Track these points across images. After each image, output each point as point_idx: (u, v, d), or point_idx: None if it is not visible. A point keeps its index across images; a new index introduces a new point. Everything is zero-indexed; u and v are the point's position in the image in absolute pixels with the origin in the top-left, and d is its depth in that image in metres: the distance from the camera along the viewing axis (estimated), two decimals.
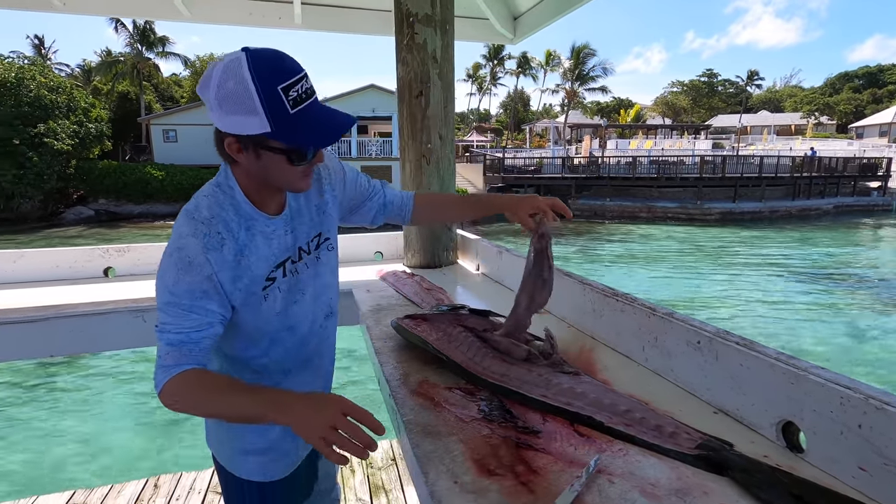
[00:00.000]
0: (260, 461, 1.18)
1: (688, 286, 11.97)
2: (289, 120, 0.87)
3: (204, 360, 0.94)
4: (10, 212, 21.43)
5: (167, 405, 0.91)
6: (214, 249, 0.94)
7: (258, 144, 0.91)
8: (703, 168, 23.91)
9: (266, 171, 0.95)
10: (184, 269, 0.92)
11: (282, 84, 0.86)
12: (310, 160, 0.96)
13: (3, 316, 1.74)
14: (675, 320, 1.12)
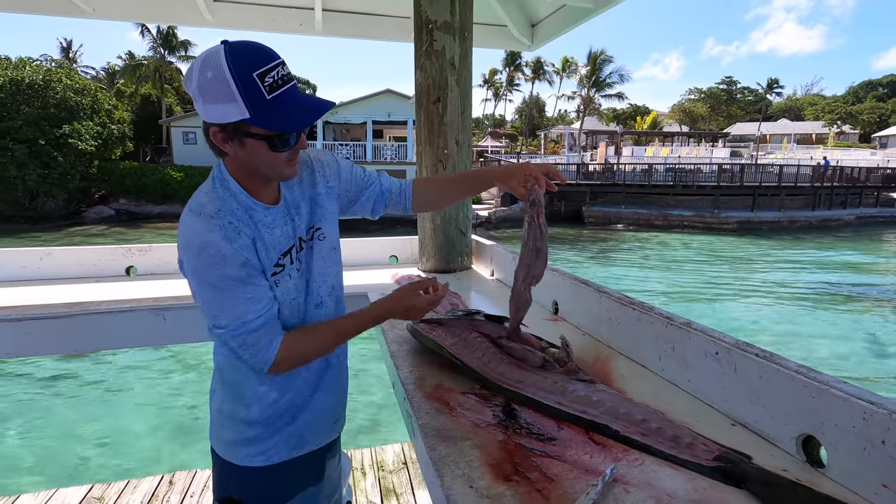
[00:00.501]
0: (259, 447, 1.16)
1: (704, 295, 11.80)
2: (266, 105, 0.90)
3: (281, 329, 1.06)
4: (34, 210, 21.98)
5: (276, 370, 1.04)
6: (236, 239, 0.97)
7: (240, 132, 0.94)
8: (720, 176, 23.60)
9: (251, 159, 0.98)
10: (220, 264, 0.95)
11: (257, 70, 0.89)
12: (291, 146, 0.98)
13: (31, 312, 1.79)
14: (694, 330, 1.11)
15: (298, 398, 1.17)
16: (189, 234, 0.97)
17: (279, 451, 1.18)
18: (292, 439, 1.19)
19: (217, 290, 0.97)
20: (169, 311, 1.91)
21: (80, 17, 2.74)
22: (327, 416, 1.25)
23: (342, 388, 1.31)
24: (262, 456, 1.17)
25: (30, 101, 21.00)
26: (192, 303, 1.94)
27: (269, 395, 1.13)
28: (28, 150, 20.50)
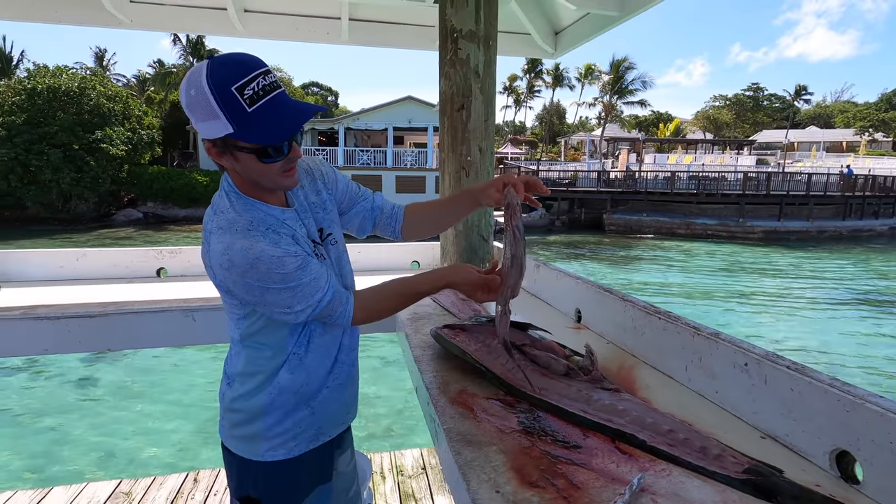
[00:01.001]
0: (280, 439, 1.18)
1: (729, 306, 11.54)
2: (247, 118, 0.90)
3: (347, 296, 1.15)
4: (67, 212, 22.79)
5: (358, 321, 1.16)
6: (279, 241, 1.02)
7: (229, 146, 0.96)
8: (745, 184, 23.13)
9: (247, 171, 1.00)
10: (279, 268, 1.00)
11: (235, 84, 0.89)
12: (284, 155, 0.98)
13: (69, 310, 1.86)
14: (722, 341, 1.10)
15: (314, 386, 1.20)
16: (234, 254, 0.97)
17: (299, 443, 1.19)
18: (310, 430, 1.21)
19: (284, 288, 1.02)
20: (198, 313, 1.96)
21: (119, 27, 2.85)
22: (341, 406, 1.28)
23: (353, 379, 1.34)
24: (283, 448, 1.18)
25: (65, 107, 21.83)
26: (220, 304, 2.00)
27: (285, 381, 1.15)
28: (63, 155, 21.29)
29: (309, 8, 3.05)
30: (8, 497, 2.51)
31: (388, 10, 3.11)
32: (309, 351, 1.18)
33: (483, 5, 2.32)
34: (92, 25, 2.80)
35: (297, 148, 1.01)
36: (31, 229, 20.92)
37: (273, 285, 1.01)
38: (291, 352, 1.16)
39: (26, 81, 22.60)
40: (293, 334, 1.15)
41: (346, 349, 1.28)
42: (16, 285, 2.37)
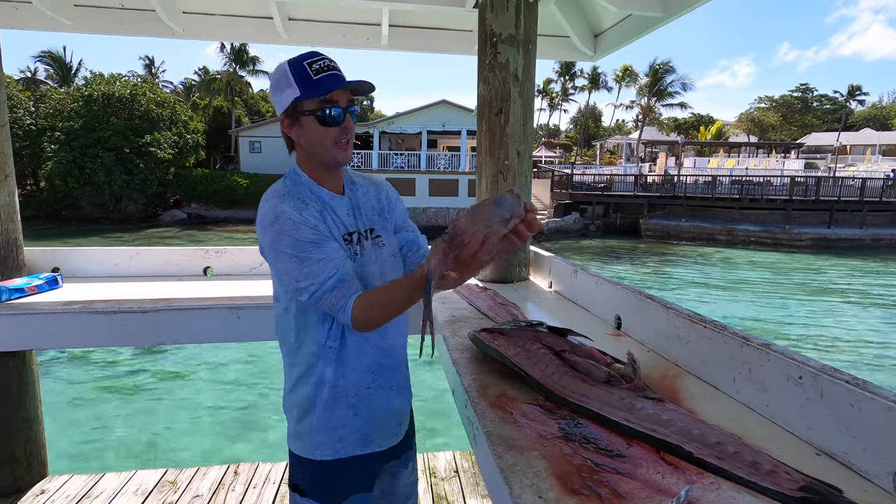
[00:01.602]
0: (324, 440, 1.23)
1: (773, 316, 11.05)
2: (312, 83, 1.09)
3: (358, 286, 1.13)
4: (118, 212, 24.02)
5: (361, 328, 1.12)
6: (304, 209, 1.13)
7: (296, 112, 1.13)
8: (793, 189, 22.08)
9: (308, 139, 1.14)
10: (292, 231, 1.08)
11: (307, 60, 1.11)
12: (338, 123, 1.13)
13: (124, 306, 1.97)
14: (774, 352, 1.06)
15: (351, 381, 1.23)
16: (264, 214, 1.12)
17: (345, 445, 1.24)
18: (356, 434, 1.25)
19: (292, 257, 1.09)
20: (243, 311, 2.03)
21: (172, 37, 3.00)
22: (390, 415, 1.31)
23: (404, 388, 1.37)
24: (330, 449, 1.24)
25: (118, 113, 23.05)
26: (264, 303, 2.07)
27: (323, 374, 1.21)
28: (115, 158, 22.47)
29: (350, 15, 3.13)
30: (65, 481, 2.66)
31: (427, 16, 3.15)
32: (344, 346, 1.22)
33: (523, 9, 2.32)
34: (149, 35, 2.96)
35: (349, 120, 1.14)
36: (85, 228, 22.13)
37: (285, 249, 1.09)
38: (326, 344, 1.21)
39: (83, 89, 24.00)
40: (323, 324, 1.20)
41: (389, 353, 1.30)
42: (76, 280, 2.52)
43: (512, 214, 1.01)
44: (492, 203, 1.02)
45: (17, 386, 2.44)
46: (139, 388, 6.30)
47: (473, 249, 0.97)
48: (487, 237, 0.99)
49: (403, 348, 1.39)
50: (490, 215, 1.01)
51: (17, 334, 1.95)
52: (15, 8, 2.80)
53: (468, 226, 1.01)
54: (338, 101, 1.12)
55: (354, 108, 1.17)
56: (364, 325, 1.13)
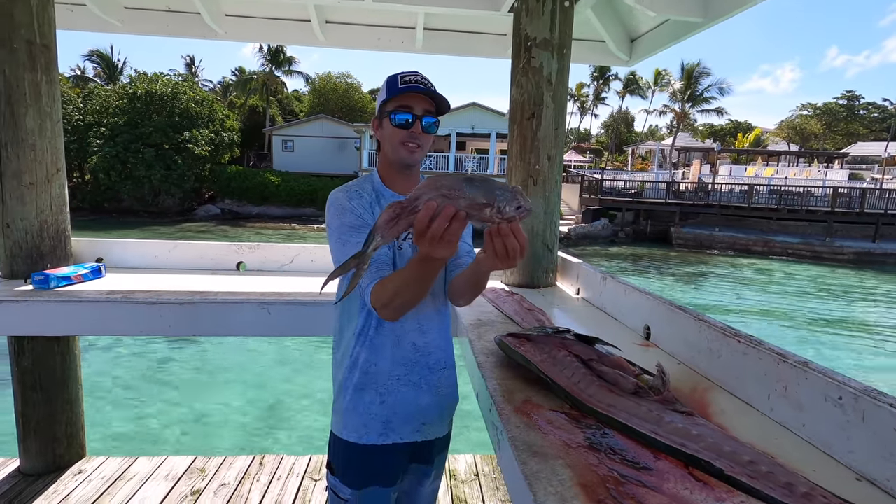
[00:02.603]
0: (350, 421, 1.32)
1: (812, 333, 10.62)
2: (397, 90, 1.25)
3: (384, 273, 1.20)
4: (156, 206, 24.92)
5: (378, 308, 1.18)
6: (354, 199, 1.27)
7: (381, 113, 1.29)
8: (835, 201, 21.18)
9: (383, 138, 1.30)
10: (340, 213, 1.24)
11: (402, 74, 1.28)
12: (407, 125, 1.25)
13: (163, 297, 2.04)
14: (811, 371, 1.03)
15: (381, 369, 1.31)
16: (328, 201, 1.29)
17: (369, 431, 1.31)
18: (379, 421, 1.32)
19: (338, 237, 1.23)
20: (273, 306, 2.08)
21: (215, 38, 3.11)
22: (415, 409, 1.35)
23: (435, 389, 1.39)
24: (355, 432, 1.32)
25: (160, 110, 23.93)
26: (294, 299, 2.12)
27: (358, 357, 1.31)
28: (155, 153, 23.33)
29: (386, 19, 3.17)
30: (101, 462, 2.78)
31: (461, 20, 3.16)
32: (379, 333, 1.31)
33: (558, 13, 2.31)
34: (193, 37, 3.07)
35: (419, 127, 1.26)
36: (125, 220, 23.05)
37: (333, 230, 1.25)
38: (362, 328, 1.31)
39: (128, 87, 25.02)
40: (363, 310, 1.30)
41: (425, 352, 1.36)
42: (118, 271, 2.64)
43: (488, 203, 0.92)
44: (462, 179, 0.94)
45: (61, 370, 2.56)
46: (173, 376, 6.53)
47: (424, 218, 0.92)
48: (448, 210, 0.91)
49: (443, 352, 1.41)
50: (453, 186, 0.93)
51: (63, 320, 2.06)
52: (70, 10, 2.96)
53: (423, 191, 0.94)
54: (412, 107, 1.25)
55: (430, 118, 1.27)
56: (381, 304, 1.16)
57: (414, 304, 1.20)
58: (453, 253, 0.98)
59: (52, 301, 2.04)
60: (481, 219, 0.95)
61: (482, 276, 1.23)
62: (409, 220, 0.96)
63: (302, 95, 41.70)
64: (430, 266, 1.06)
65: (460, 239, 1.38)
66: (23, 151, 2.29)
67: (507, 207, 0.93)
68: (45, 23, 2.32)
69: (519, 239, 0.98)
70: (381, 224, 0.97)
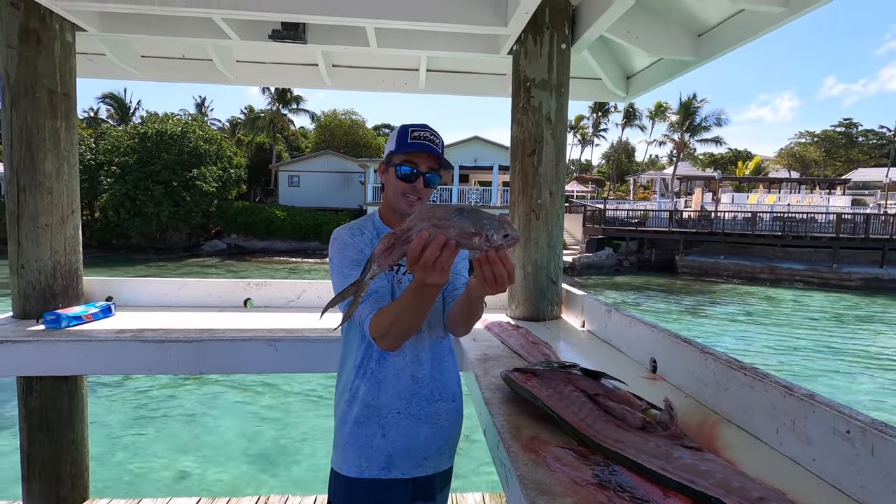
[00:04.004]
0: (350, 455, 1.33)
1: (823, 363, 10.42)
2: (406, 143, 1.32)
3: (381, 304, 1.24)
4: (163, 242, 25.20)
5: (377, 338, 1.21)
6: (356, 235, 1.34)
7: (388, 162, 1.38)
8: (839, 227, 21.15)
9: (388, 186, 1.38)
10: (342, 248, 1.32)
11: (413, 128, 1.35)
12: (409, 180, 1.32)
13: (170, 335, 2.07)
14: (818, 404, 1.03)
15: (384, 403, 1.33)
16: (331, 238, 1.35)
17: (370, 465, 1.32)
18: (381, 456, 1.32)
19: (339, 271, 1.30)
20: (281, 343, 2.10)
21: (226, 83, 3.24)
22: (416, 443, 1.35)
23: (434, 421, 1.39)
24: (356, 467, 1.32)
25: (169, 148, 24.52)
26: (300, 335, 2.14)
27: (359, 390, 1.33)
28: (164, 191, 23.75)
29: (390, 61, 3.30)
30: (105, 503, 2.74)
31: (462, 62, 3.29)
32: (382, 368, 1.33)
33: (556, 55, 2.41)
34: (206, 83, 3.20)
35: (421, 183, 1.34)
36: (133, 257, 23.27)
37: (335, 264, 1.32)
38: (362, 361, 1.34)
39: (139, 127, 25.74)
40: (362, 342, 1.34)
41: (423, 384, 1.37)
42: (128, 309, 2.67)
43: (477, 232, 0.98)
44: (452, 210, 1.01)
45: (68, 409, 2.56)
46: (176, 414, 6.45)
47: (417, 246, 0.98)
48: (439, 239, 0.97)
49: (441, 383, 1.41)
50: (443, 217, 1.00)
51: (74, 360, 2.08)
52: (90, 59, 3.10)
53: (415, 221, 1.01)
54: (417, 163, 1.33)
55: (433, 175, 1.35)
56: (380, 334, 1.20)
57: (412, 332, 1.24)
58: (446, 280, 1.03)
59: (63, 341, 2.07)
60: (471, 247, 1.02)
61: (475, 302, 1.26)
62: (403, 250, 1.02)
63: (308, 132, 42.72)
64: (425, 294, 1.10)
65: (457, 271, 1.42)
66: (40, 194, 2.37)
67: (494, 236, 1.00)
68: (66, 73, 2.44)
69: (506, 265, 1.03)
70: (377, 253, 1.03)
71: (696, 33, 2.57)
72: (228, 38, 2.53)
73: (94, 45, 2.89)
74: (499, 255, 1.01)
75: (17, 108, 2.32)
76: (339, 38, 2.64)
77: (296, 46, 2.67)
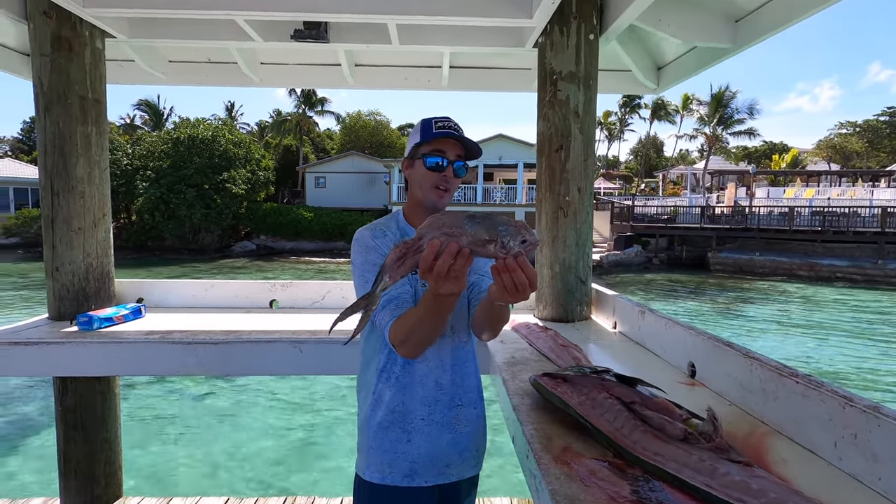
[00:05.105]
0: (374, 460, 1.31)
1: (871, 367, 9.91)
2: (431, 134, 1.30)
3: (401, 311, 1.20)
4: (196, 243, 25.94)
5: (397, 346, 1.20)
6: (379, 237, 1.31)
7: (413, 155, 1.33)
8: (885, 221, 20.11)
9: (414, 179, 1.33)
10: (364, 251, 1.29)
11: (436, 119, 1.32)
12: (440, 169, 1.29)
13: (199, 336, 2.08)
14: (885, 417, 0.93)
15: (410, 408, 1.30)
16: (354, 238, 1.33)
17: (393, 471, 1.29)
18: (405, 462, 1.29)
19: (360, 274, 1.27)
20: (305, 345, 2.09)
21: (251, 86, 3.27)
22: (437, 450, 1.32)
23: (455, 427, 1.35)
24: (378, 473, 1.30)
25: (201, 153, 25.22)
26: (326, 337, 2.11)
27: (383, 396, 1.31)
28: (196, 193, 24.45)
29: (412, 59, 3.27)
30: (137, 502, 2.80)
31: (486, 57, 3.23)
32: (405, 372, 1.30)
33: (583, 47, 2.32)
34: (232, 85, 3.24)
35: (451, 171, 1.31)
36: (167, 258, 24.04)
37: (357, 267, 1.30)
38: (385, 365, 1.31)
39: (172, 132, 26.57)
40: (385, 346, 1.29)
41: (446, 389, 1.33)
42: (157, 311, 2.71)
43: (491, 239, 0.93)
44: (464, 216, 0.96)
45: (102, 409, 2.62)
46: (206, 414, 6.59)
47: (429, 256, 0.93)
48: (452, 247, 0.93)
49: (463, 388, 1.38)
50: (454, 224, 0.95)
51: (105, 360, 2.11)
52: (120, 66, 3.17)
53: (426, 230, 0.97)
54: (444, 151, 1.30)
55: (460, 163, 1.32)
56: (399, 341, 1.19)
57: (431, 340, 1.22)
58: (461, 288, 0.99)
59: (95, 342, 2.10)
60: (486, 254, 0.97)
61: (500, 309, 1.21)
62: (414, 260, 0.98)
63: (333, 133, 43.29)
64: (441, 302, 1.07)
65: (484, 272, 1.36)
66: (73, 198, 2.42)
67: (510, 242, 0.95)
68: (96, 79, 2.49)
69: (527, 273, 0.97)
70: (388, 264, 0.99)
71: (734, 18, 2.44)
72: (252, 39, 2.54)
73: (124, 52, 2.95)
74: (517, 262, 0.96)
75: (51, 115, 2.38)
76: (361, 36, 2.61)
77: (318, 46, 2.66)
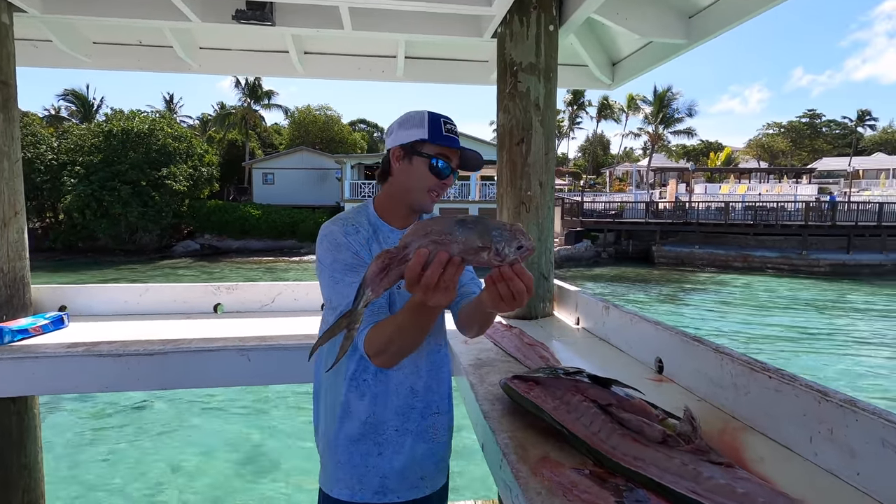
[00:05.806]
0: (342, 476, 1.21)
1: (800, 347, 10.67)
2: (440, 135, 1.19)
3: (377, 318, 1.10)
4: (133, 244, 24.30)
5: (372, 356, 1.09)
6: (351, 234, 1.18)
7: (414, 150, 1.19)
8: (808, 215, 21.76)
9: (408, 177, 1.21)
10: (333, 249, 1.15)
11: (443, 119, 1.22)
12: (445, 176, 1.20)
13: (131, 348, 1.86)
14: (861, 411, 0.92)
15: (381, 419, 1.21)
16: (320, 233, 1.19)
17: (364, 487, 1.20)
18: (376, 476, 1.21)
19: (330, 275, 1.14)
20: (253, 352, 1.92)
21: (189, 72, 3.01)
22: (412, 462, 1.24)
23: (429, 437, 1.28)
24: (347, 489, 1.21)
25: (136, 147, 23.60)
26: (275, 344, 1.96)
27: (354, 407, 1.20)
28: (131, 191, 22.88)
29: (365, 48, 3.12)
30: None
31: (443, 47, 3.13)
32: (379, 380, 1.21)
33: (543, 38, 2.27)
34: (166, 71, 2.96)
35: (452, 179, 1.24)
36: (100, 259, 22.36)
37: (325, 267, 1.16)
38: (355, 373, 1.20)
39: (104, 125, 24.70)
40: (354, 353, 1.18)
41: (421, 396, 1.26)
42: (83, 319, 2.44)
43: (485, 246, 0.85)
44: (453, 222, 0.87)
45: (18, 431, 2.32)
46: (143, 430, 6.12)
47: (416, 266, 0.85)
48: (441, 257, 0.84)
49: (438, 395, 1.31)
50: (443, 231, 0.87)
51: (19, 379, 1.85)
52: (35, 46, 2.83)
53: (412, 238, 0.88)
54: (451, 159, 1.22)
55: (457, 173, 1.26)
56: (375, 351, 1.08)
57: (410, 351, 1.13)
58: (452, 299, 0.90)
59: (6, 358, 1.84)
60: (478, 263, 0.89)
61: (489, 315, 1.18)
62: (399, 271, 0.88)
63: (281, 128, 41.80)
64: (426, 313, 0.99)
65: None
66: None
67: (506, 249, 0.87)
68: (3, 58, 2.18)
69: (524, 280, 0.90)
70: (370, 277, 0.89)
71: (687, 15, 2.47)
72: (188, 19, 2.31)
73: (39, 30, 2.63)
74: (514, 271, 0.88)
75: None
76: (309, 20, 2.44)
77: (264, 30, 2.47)
